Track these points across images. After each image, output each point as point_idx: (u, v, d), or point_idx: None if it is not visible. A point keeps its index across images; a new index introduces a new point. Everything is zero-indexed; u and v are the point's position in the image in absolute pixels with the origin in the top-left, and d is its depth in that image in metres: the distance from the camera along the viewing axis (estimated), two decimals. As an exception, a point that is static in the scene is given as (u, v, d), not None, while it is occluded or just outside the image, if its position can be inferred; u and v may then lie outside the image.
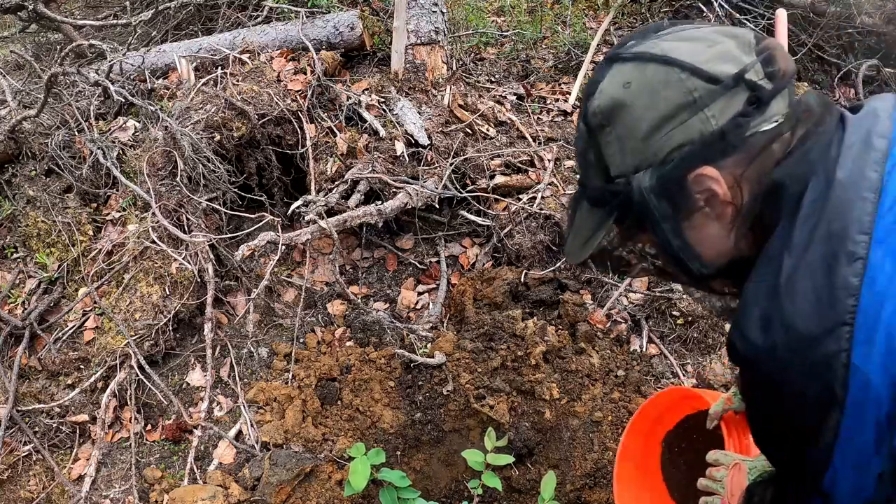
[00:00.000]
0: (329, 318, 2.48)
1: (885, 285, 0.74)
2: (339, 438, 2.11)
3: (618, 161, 0.88)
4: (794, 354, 0.79)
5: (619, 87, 0.87)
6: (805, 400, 0.79)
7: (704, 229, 0.91)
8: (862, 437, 0.77)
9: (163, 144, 2.42)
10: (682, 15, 4.01)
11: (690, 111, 0.83)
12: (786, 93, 0.87)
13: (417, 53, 2.91)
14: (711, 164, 0.85)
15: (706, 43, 0.86)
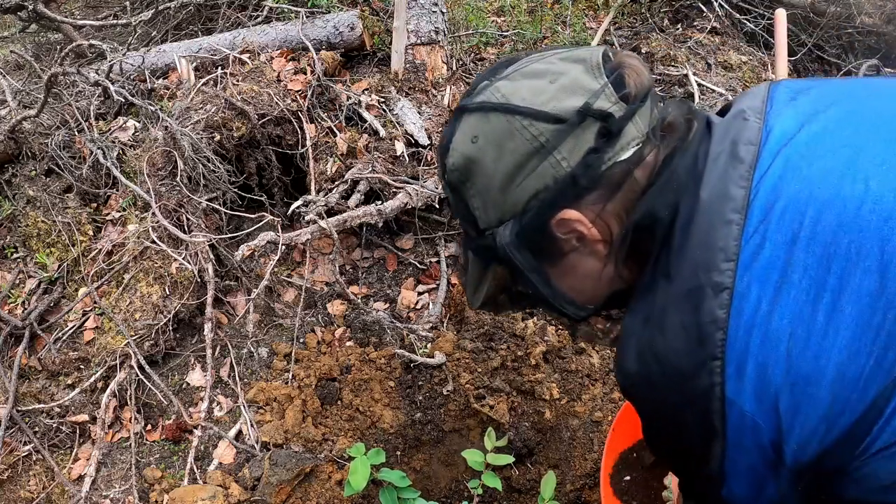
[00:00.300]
0: (329, 318, 2.48)
1: (752, 315, 0.70)
2: (339, 438, 2.11)
3: (482, 215, 0.86)
4: (669, 387, 0.77)
5: (468, 143, 0.83)
6: (687, 429, 0.78)
7: (584, 269, 0.88)
8: (748, 462, 0.76)
9: (163, 144, 2.42)
10: (682, 15, 4.01)
11: (539, 157, 0.79)
12: (644, 112, 0.81)
13: (417, 53, 2.91)
14: (572, 207, 0.81)
15: (549, 77, 0.82)
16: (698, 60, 3.50)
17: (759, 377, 0.70)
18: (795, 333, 0.69)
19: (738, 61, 3.52)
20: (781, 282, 0.69)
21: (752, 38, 3.83)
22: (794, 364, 0.69)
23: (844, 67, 3.73)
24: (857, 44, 3.79)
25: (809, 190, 0.71)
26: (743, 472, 0.78)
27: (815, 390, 0.69)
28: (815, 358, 0.68)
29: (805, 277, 0.69)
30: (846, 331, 0.67)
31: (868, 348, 0.66)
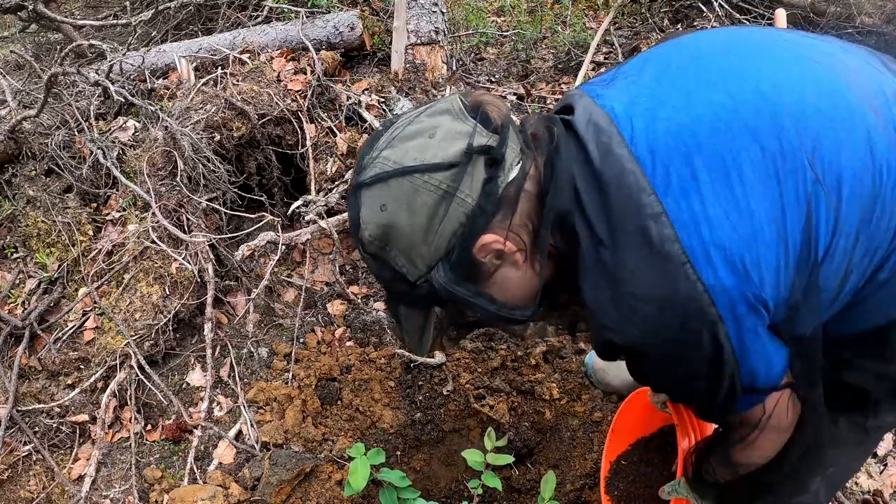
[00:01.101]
0: (329, 318, 2.48)
1: (691, 217, 0.86)
2: (339, 438, 2.11)
3: (411, 269, 0.94)
4: (665, 313, 0.89)
5: (377, 213, 0.91)
6: (695, 341, 0.90)
7: (509, 280, 0.98)
8: (750, 329, 0.89)
9: (163, 144, 2.42)
10: (682, 15, 4.01)
11: (447, 202, 0.89)
12: (512, 135, 0.94)
13: (417, 53, 2.91)
14: (485, 232, 0.92)
15: (427, 133, 0.92)
16: (698, 60, 3.50)
17: (722, 255, 0.86)
18: (728, 210, 0.86)
19: (738, 61, 3.52)
20: (698, 185, 0.87)
21: (752, 38, 3.83)
22: (739, 229, 0.86)
23: (844, 67, 3.72)
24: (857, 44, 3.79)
25: (673, 124, 0.90)
26: (750, 347, 0.91)
27: (762, 237, 0.86)
28: (751, 215, 0.86)
29: (711, 173, 0.87)
30: (758, 186, 0.87)
31: (778, 190, 0.87)
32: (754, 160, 0.87)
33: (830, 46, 1.00)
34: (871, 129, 0.90)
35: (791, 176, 0.87)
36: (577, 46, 3.68)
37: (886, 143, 0.90)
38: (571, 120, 0.97)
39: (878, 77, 0.97)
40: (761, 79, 0.91)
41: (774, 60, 0.94)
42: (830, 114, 0.90)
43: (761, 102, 0.89)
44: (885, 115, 0.92)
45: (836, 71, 0.94)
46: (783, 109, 0.89)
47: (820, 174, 0.87)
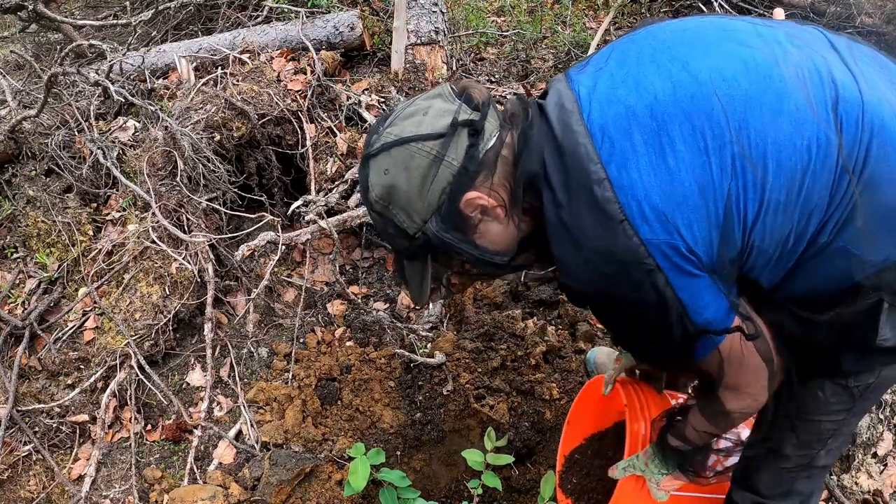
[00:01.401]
0: (329, 318, 2.48)
1: (629, 182, 1.03)
2: (339, 438, 2.11)
3: (410, 224, 1.13)
4: (611, 263, 1.06)
5: (381, 176, 1.11)
6: (639, 287, 1.06)
7: (492, 231, 1.17)
8: (687, 272, 1.05)
9: (163, 144, 2.42)
10: (682, 15, 4.01)
11: (436, 165, 1.08)
12: (492, 112, 1.14)
13: (417, 53, 2.91)
14: (470, 190, 1.10)
15: (421, 112, 1.12)
16: (698, 60, 3.50)
17: (656, 214, 1.02)
18: (661, 177, 1.02)
19: (738, 61, 3.52)
20: (636, 157, 1.03)
21: (752, 38, 3.83)
22: (670, 193, 1.02)
23: (844, 67, 3.72)
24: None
25: (622, 106, 1.07)
26: (692, 288, 1.07)
27: (691, 202, 1.03)
28: (681, 183, 1.02)
29: (648, 146, 1.04)
30: (688, 158, 1.02)
31: (706, 161, 1.02)
32: (686, 136, 1.03)
33: (776, 33, 1.13)
34: (800, 110, 1.03)
35: (717, 151, 1.03)
36: (577, 46, 3.67)
37: (814, 122, 1.03)
38: (543, 102, 1.16)
39: (818, 60, 1.09)
40: (701, 67, 1.07)
41: (717, 50, 1.09)
42: (759, 98, 1.04)
43: (697, 88, 1.05)
44: (815, 96, 1.05)
45: (774, 57, 1.07)
46: (715, 94, 1.04)
47: (746, 150, 1.03)
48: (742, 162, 1.02)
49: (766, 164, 1.03)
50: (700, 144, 1.03)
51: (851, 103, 1.05)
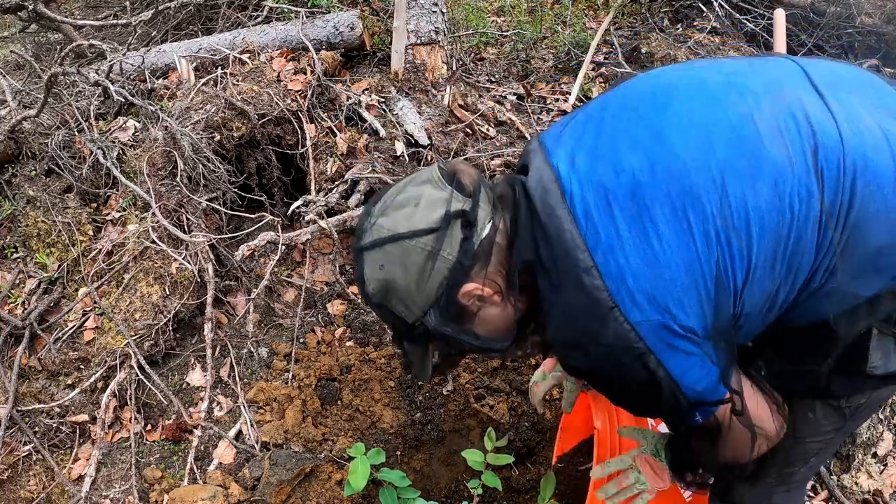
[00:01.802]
0: (329, 318, 2.48)
1: (617, 269, 1.04)
2: (339, 438, 2.11)
3: (409, 314, 1.14)
4: (603, 346, 1.08)
5: (378, 271, 1.12)
6: (624, 363, 1.08)
7: (490, 316, 1.17)
8: (680, 350, 1.06)
9: (163, 144, 2.42)
10: (682, 15, 4.01)
11: (432, 260, 1.09)
12: (483, 197, 1.13)
13: (417, 53, 2.91)
14: (467, 282, 1.11)
15: (412, 203, 1.11)
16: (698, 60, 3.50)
17: (646, 297, 1.04)
18: (647, 260, 1.03)
19: (738, 61, 3.52)
20: (621, 242, 1.04)
21: (753, 39, 3.83)
22: (658, 276, 1.03)
23: (844, 67, 3.72)
24: (857, 44, 3.79)
25: (601, 188, 1.07)
26: (684, 366, 1.08)
27: (679, 282, 1.04)
28: (668, 265, 1.03)
29: (632, 230, 1.04)
30: (673, 239, 1.03)
31: (690, 238, 1.03)
32: (668, 218, 1.04)
33: (748, 82, 1.12)
34: (778, 169, 1.04)
35: (701, 228, 1.03)
36: (577, 46, 3.67)
37: (794, 177, 1.04)
38: (526, 181, 1.16)
39: (794, 106, 1.07)
40: (675, 139, 1.07)
41: (690, 114, 1.09)
42: (735, 164, 1.04)
43: (673, 162, 1.06)
44: (793, 148, 1.05)
45: (749, 112, 1.07)
46: (692, 167, 1.05)
47: (728, 221, 1.03)
48: (726, 233, 1.03)
49: (749, 230, 1.03)
50: (683, 225, 1.03)
51: (831, 148, 1.04)
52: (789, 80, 1.13)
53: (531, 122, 3.08)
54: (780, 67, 1.16)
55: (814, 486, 2.14)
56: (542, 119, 3.18)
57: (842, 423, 1.31)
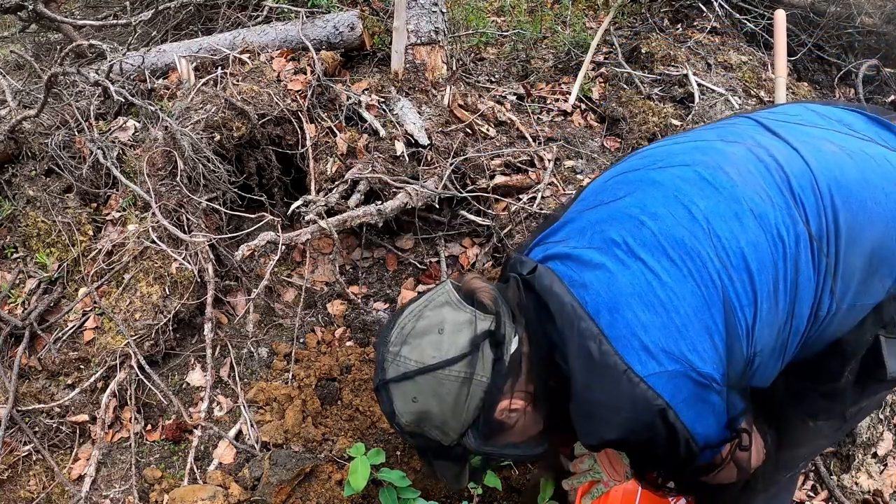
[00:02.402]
0: (329, 318, 2.48)
1: (625, 326, 1.04)
2: (339, 438, 2.11)
3: (446, 439, 1.13)
4: (620, 414, 1.06)
5: (410, 403, 1.10)
6: (646, 423, 1.06)
7: (526, 426, 1.18)
8: (697, 400, 1.06)
9: (163, 144, 2.42)
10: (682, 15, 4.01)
11: (467, 385, 1.08)
12: (503, 311, 1.13)
13: (417, 53, 2.91)
14: (503, 399, 1.11)
15: (436, 329, 1.10)
16: (698, 60, 3.50)
17: (660, 349, 1.03)
18: (656, 310, 1.04)
19: (738, 61, 3.52)
20: (623, 308, 1.05)
21: (752, 38, 3.83)
22: (670, 324, 1.03)
23: (844, 67, 3.72)
24: (857, 44, 3.79)
25: (598, 263, 1.09)
26: (701, 415, 1.07)
27: (691, 327, 1.04)
28: (676, 312, 1.04)
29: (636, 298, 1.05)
30: (676, 286, 1.04)
31: (694, 285, 1.04)
32: (667, 268, 1.06)
33: (713, 145, 1.17)
34: (758, 204, 1.08)
35: (700, 270, 1.05)
36: (577, 46, 3.67)
37: (774, 210, 1.07)
38: (529, 283, 1.16)
39: (757, 150, 1.14)
40: (658, 206, 1.10)
41: (669, 183, 1.13)
42: (718, 209, 1.08)
43: (660, 225, 1.09)
44: (767, 185, 1.09)
45: (718, 165, 1.12)
46: (679, 224, 1.08)
47: (725, 261, 1.05)
48: (727, 273, 1.05)
49: (748, 266, 1.05)
50: (683, 272, 1.05)
51: (801, 177, 1.09)
52: (746, 131, 1.20)
53: (531, 122, 3.08)
54: (734, 125, 1.24)
55: (814, 486, 2.14)
56: (542, 119, 3.17)
57: (840, 425, 1.32)
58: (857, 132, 1.20)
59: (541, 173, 2.77)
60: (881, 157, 1.14)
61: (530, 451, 1.22)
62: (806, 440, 1.33)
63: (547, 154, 2.83)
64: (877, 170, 1.12)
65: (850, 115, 1.25)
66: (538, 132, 2.98)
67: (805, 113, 1.24)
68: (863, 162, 1.12)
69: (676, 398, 1.04)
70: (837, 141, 1.15)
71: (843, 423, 1.32)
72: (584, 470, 1.56)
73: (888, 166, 1.13)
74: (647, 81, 3.38)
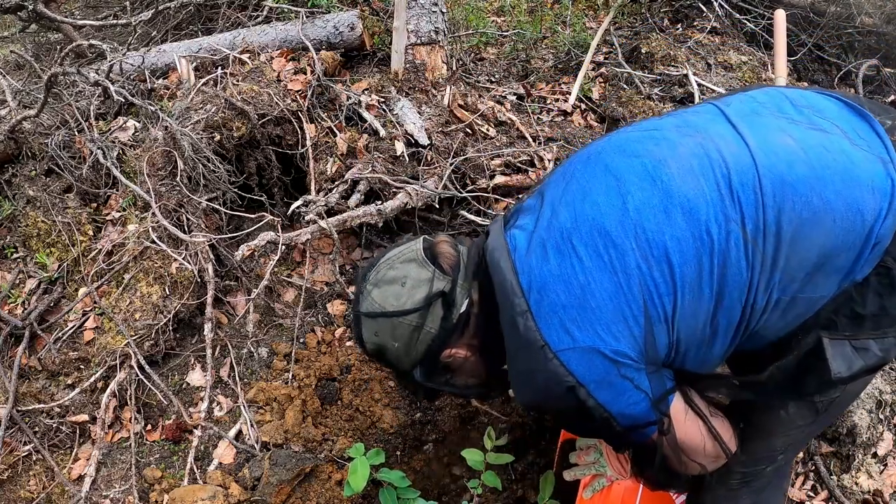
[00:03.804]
0: (329, 318, 2.48)
1: (548, 306, 1.17)
2: (339, 438, 2.11)
3: (401, 367, 1.37)
4: (536, 382, 1.21)
5: (373, 337, 1.34)
6: (558, 395, 1.19)
7: (467, 370, 1.39)
8: (609, 381, 1.16)
9: (163, 144, 2.42)
10: (682, 15, 4.01)
11: (417, 332, 1.30)
12: (461, 273, 1.32)
13: (417, 53, 2.91)
14: (447, 347, 1.33)
15: (400, 281, 1.30)
16: (698, 60, 3.50)
17: (576, 326, 1.15)
18: (575, 293, 1.15)
19: (738, 61, 3.52)
20: (553, 279, 1.18)
21: (752, 38, 3.83)
22: (586, 305, 1.15)
23: (844, 67, 3.72)
24: (857, 44, 3.79)
25: (540, 238, 1.23)
26: (615, 393, 1.17)
27: (606, 308, 1.14)
28: (592, 294, 1.14)
29: (561, 267, 1.17)
30: (596, 272, 1.15)
31: (612, 272, 1.14)
32: (591, 255, 1.16)
33: (666, 133, 1.24)
34: (690, 200, 1.14)
35: (620, 259, 1.14)
36: (577, 46, 3.67)
37: (707, 206, 1.13)
38: (485, 245, 1.33)
39: (707, 143, 1.19)
40: (598, 195, 1.20)
41: (613, 172, 1.22)
42: (649, 202, 1.15)
43: (593, 212, 1.19)
44: (706, 180, 1.14)
45: (663, 158, 1.18)
46: (608, 213, 1.17)
47: (647, 252, 1.13)
48: (646, 263, 1.13)
49: (669, 259, 1.13)
50: (604, 260, 1.15)
51: (744, 174, 1.13)
52: (704, 121, 1.24)
53: (531, 122, 3.08)
54: (697, 114, 1.29)
55: (814, 486, 2.14)
56: (542, 119, 3.17)
57: (813, 417, 1.34)
58: (827, 119, 1.20)
59: (541, 173, 2.77)
60: (838, 152, 1.14)
61: (471, 392, 1.48)
62: (777, 429, 1.36)
63: (547, 154, 2.83)
64: (831, 166, 1.12)
65: (824, 101, 1.25)
66: (538, 132, 2.98)
67: (776, 100, 1.25)
68: (817, 158, 1.13)
69: (588, 377, 1.15)
70: (796, 134, 1.16)
71: (815, 417, 1.34)
72: (588, 462, 1.59)
73: (844, 162, 1.13)
74: (647, 81, 3.38)
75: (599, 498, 1.59)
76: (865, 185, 1.12)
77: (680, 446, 1.25)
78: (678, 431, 1.24)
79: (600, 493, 1.59)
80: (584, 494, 1.59)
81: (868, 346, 1.17)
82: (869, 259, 1.13)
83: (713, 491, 1.47)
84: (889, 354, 1.18)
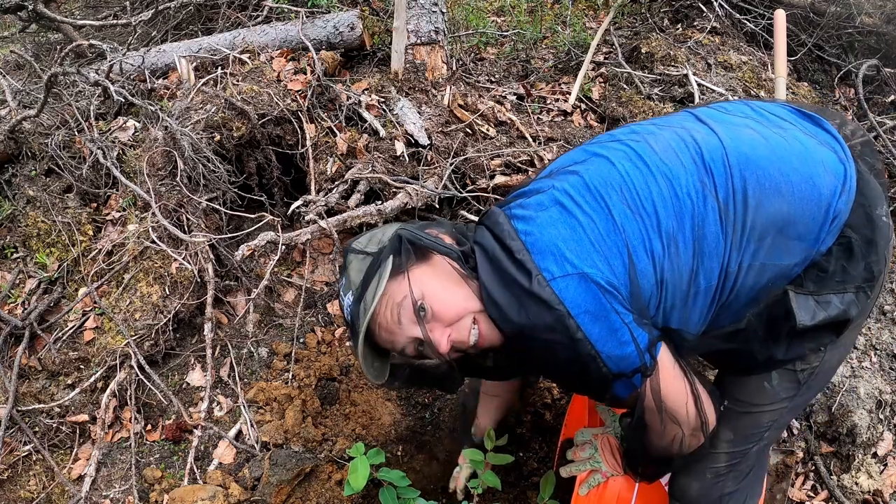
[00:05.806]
0: (329, 318, 2.48)
1: (547, 240, 1.25)
2: (339, 438, 2.11)
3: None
4: (529, 309, 1.24)
5: (353, 270, 1.39)
6: (547, 323, 1.22)
7: None
8: (598, 317, 1.22)
9: (163, 144, 2.42)
10: (682, 15, 4.01)
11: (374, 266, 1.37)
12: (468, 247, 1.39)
13: (417, 53, 2.91)
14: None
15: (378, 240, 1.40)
16: (698, 60, 3.50)
17: (574, 254, 1.23)
18: (574, 229, 1.26)
19: (738, 61, 3.52)
20: (553, 221, 1.27)
21: (752, 38, 3.83)
22: (583, 239, 1.24)
23: (844, 67, 3.72)
24: (857, 44, 3.79)
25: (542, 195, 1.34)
26: (603, 330, 1.22)
27: (604, 242, 1.24)
28: (592, 230, 1.25)
29: (562, 214, 1.27)
30: (594, 214, 1.26)
31: (607, 213, 1.26)
32: (590, 202, 1.28)
33: (647, 126, 1.41)
34: (672, 170, 1.28)
35: (617, 204, 1.27)
36: (577, 46, 3.67)
37: (686, 174, 1.27)
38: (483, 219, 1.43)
39: (681, 132, 1.35)
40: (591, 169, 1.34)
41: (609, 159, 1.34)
42: (638, 171, 1.30)
43: (593, 177, 1.31)
44: (683, 156, 1.29)
45: (647, 144, 1.34)
46: (606, 176, 1.31)
47: (636, 201, 1.27)
48: (638, 211, 1.26)
49: (656, 211, 1.26)
50: (601, 204, 1.27)
51: (714, 150, 1.29)
52: (679, 119, 1.41)
53: (531, 122, 3.08)
54: (673, 116, 1.46)
55: (814, 486, 2.14)
56: (542, 119, 3.17)
57: (796, 389, 1.42)
58: (785, 121, 1.38)
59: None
60: (794, 139, 1.31)
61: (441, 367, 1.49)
62: (763, 403, 1.43)
63: (547, 154, 2.83)
64: (788, 148, 1.29)
65: (781, 109, 1.43)
66: (538, 132, 2.98)
67: (742, 108, 1.43)
68: (776, 143, 1.29)
69: (580, 306, 1.21)
70: (758, 129, 1.33)
71: (798, 389, 1.42)
72: (584, 458, 1.60)
73: (798, 146, 1.30)
74: (647, 81, 3.38)
75: (595, 494, 1.59)
76: (818, 164, 1.28)
77: (663, 399, 1.30)
78: (663, 382, 1.30)
79: (596, 488, 1.59)
80: (580, 491, 1.60)
81: (830, 299, 1.30)
82: (830, 231, 1.27)
83: (702, 479, 1.51)
84: (850, 309, 1.30)
